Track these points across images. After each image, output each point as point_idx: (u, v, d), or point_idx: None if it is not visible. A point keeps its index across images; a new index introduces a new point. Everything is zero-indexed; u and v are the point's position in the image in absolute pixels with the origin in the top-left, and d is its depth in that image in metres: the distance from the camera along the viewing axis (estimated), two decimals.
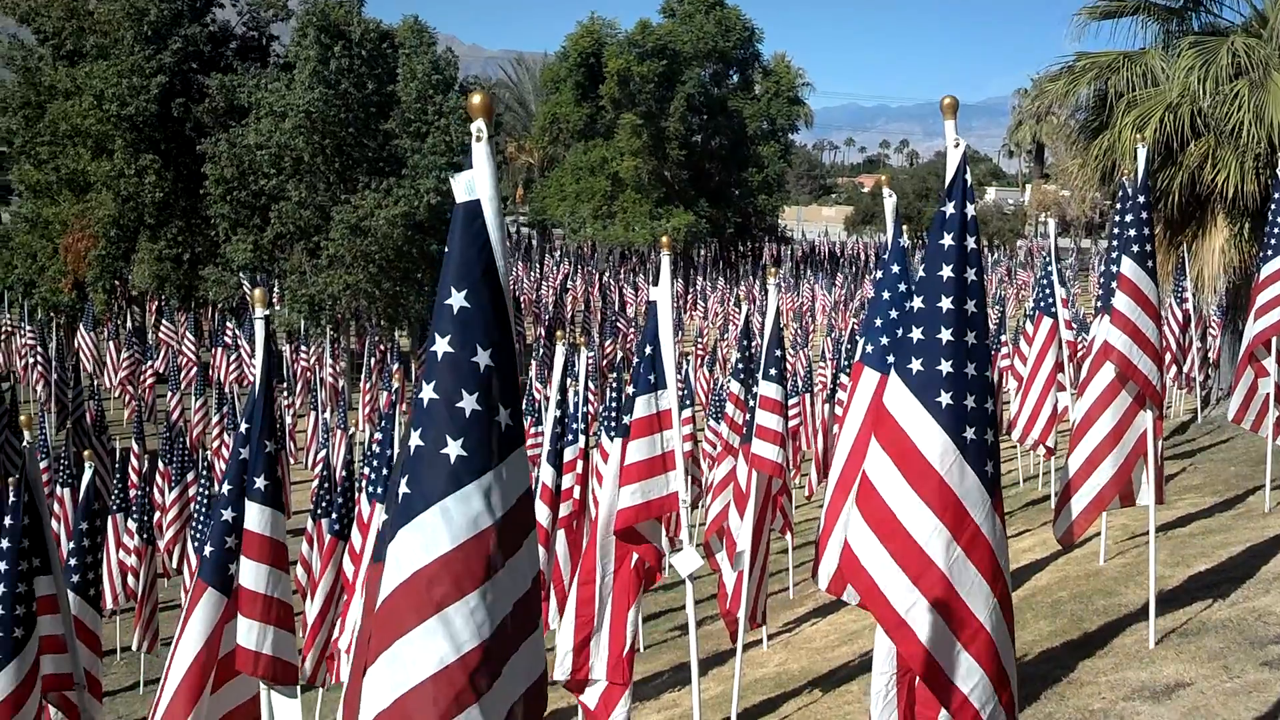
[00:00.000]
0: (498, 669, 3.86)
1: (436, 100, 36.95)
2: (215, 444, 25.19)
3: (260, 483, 6.33)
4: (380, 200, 35.06)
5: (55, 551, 6.97)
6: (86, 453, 8.62)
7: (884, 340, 7.43)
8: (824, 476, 21.59)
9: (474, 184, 4.03)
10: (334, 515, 13.56)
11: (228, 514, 6.34)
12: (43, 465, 18.52)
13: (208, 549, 6.39)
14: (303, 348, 32.96)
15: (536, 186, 70.41)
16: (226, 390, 27.26)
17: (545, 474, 12.20)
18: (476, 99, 3.94)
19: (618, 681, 8.98)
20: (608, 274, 58.97)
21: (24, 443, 7.01)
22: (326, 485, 16.65)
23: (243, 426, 6.52)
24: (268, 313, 6.65)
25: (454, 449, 3.84)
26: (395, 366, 30.71)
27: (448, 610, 3.77)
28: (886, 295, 7.67)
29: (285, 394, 28.81)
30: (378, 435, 23.41)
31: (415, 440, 3.90)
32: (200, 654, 6.28)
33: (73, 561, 8.25)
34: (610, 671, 9.00)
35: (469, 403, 3.87)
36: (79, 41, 39.21)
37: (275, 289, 39.79)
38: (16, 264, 40.33)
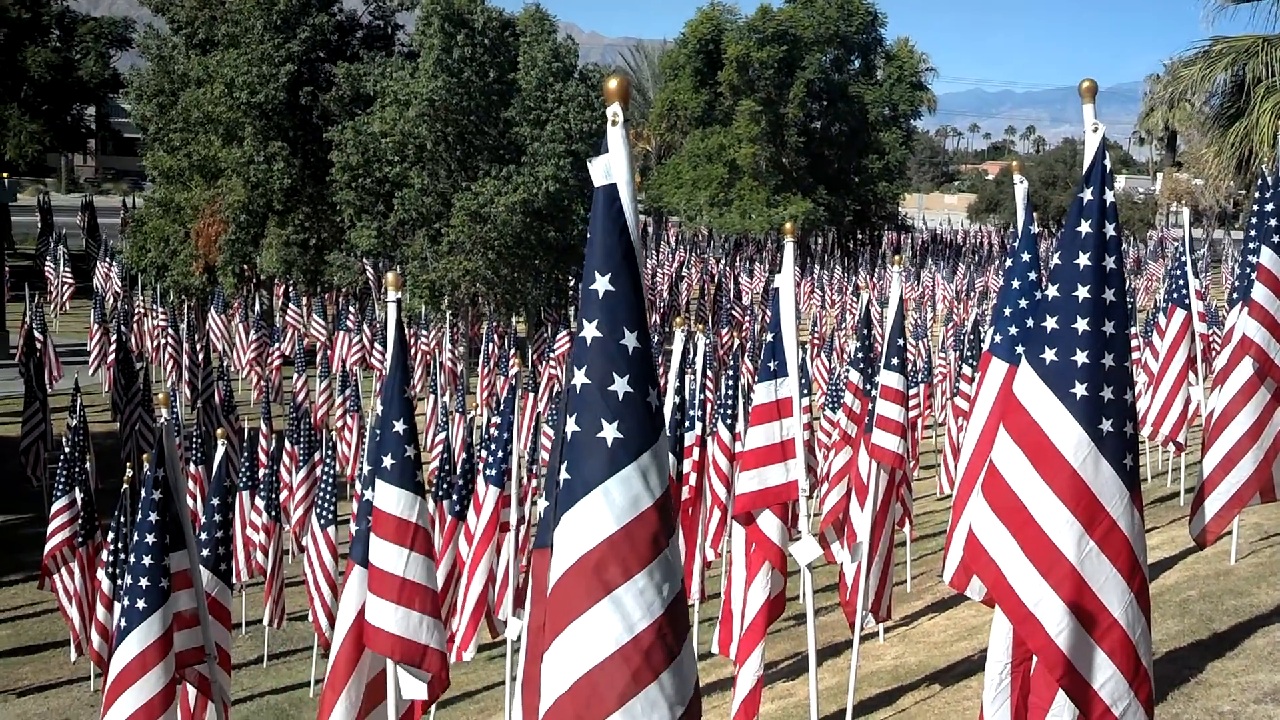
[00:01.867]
0: (674, 646, 3.90)
1: (556, 88, 37.17)
2: (339, 425, 25.71)
3: (387, 462, 6.43)
4: (500, 187, 35.42)
5: (189, 527, 7.16)
6: (219, 430, 8.85)
7: (1013, 330, 7.30)
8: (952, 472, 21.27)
9: (610, 168, 4.09)
10: (454, 497, 13.76)
11: (368, 494, 6.47)
12: (177, 443, 19.11)
13: (352, 527, 6.46)
14: (422, 332, 33.50)
15: (653, 174, 70.48)
16: (350, 373, 27.81)
17: None
18: (613, 83, 4.06)
19: (739, 662, 9.00)
20: (723, 262, 58.78)
21: (159, 420, 7.21)
22: (446, 467, 16.91)
23: (377, 408, 6.64)
24: (399, 296, 6.78)
25: (610, 432, 3.91)
26: (512, 351, 31.04)
27: (617, 591, 3.85)
28: (1016, 284, 7.52)
29: None
30: (495, 419, 23.77)
31: (572, 426, 3.98)
32: (353, 628, 6.41)
33: (204, 536, 8.49)
34: (736, 652, 9.02)
35: (621, 385, 3.93)
36: (211, 30, 40.30)
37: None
38: (150, 248, 41.64)
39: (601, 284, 4.00)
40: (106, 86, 58.51)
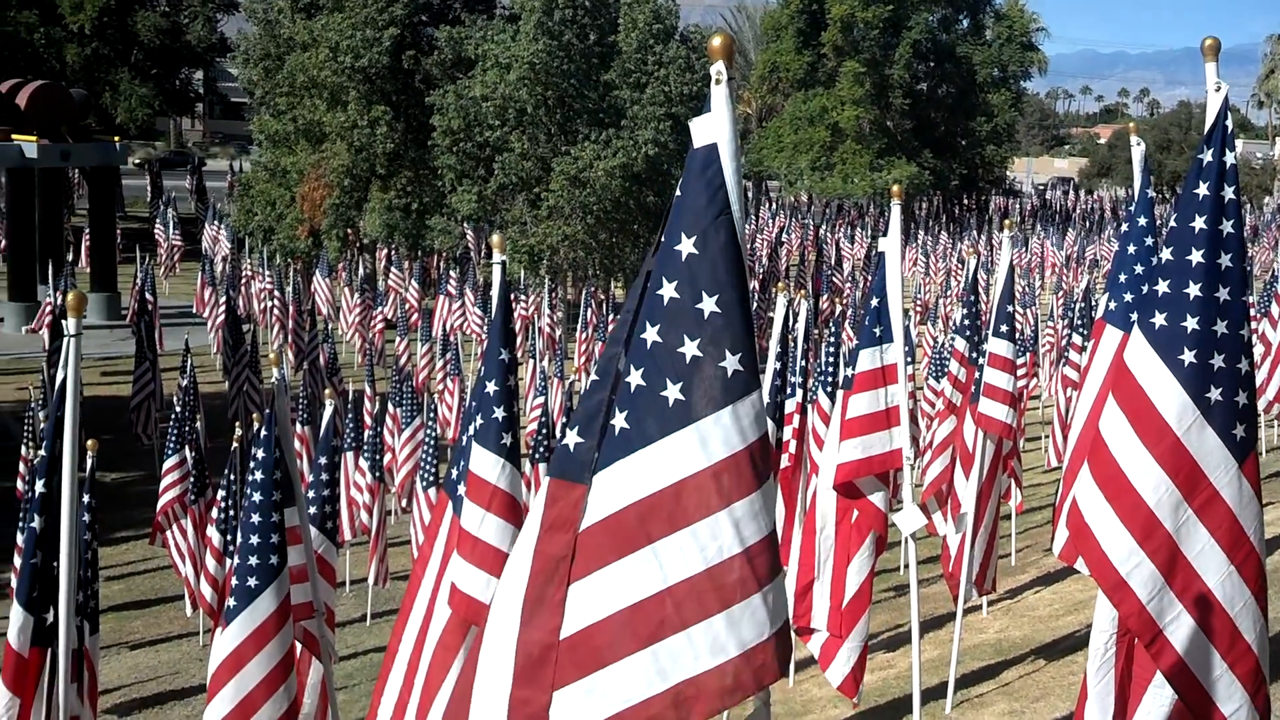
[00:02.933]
0: (711, 606, 3.95)
1: (656, 50, 36.95)
2: (440, 389, 25.98)
3: (478, 422, 6.41)
4: (599, 151, 35.37)
5: (299, 485, 7.26)
6: (327, 391, 8.96)
7: (1128, 296, 7.11)
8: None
9: (712, 128, 4.00)
10: (552, 459, 13.80)
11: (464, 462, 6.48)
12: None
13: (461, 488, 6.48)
14: (521, 297, 33.68)
15: (754, 137, 69.88)
16: (450, 337, 28.05)
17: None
18: (717, 41, 3.95)
19: (836, 634, 8.87)
20: (824, 227, 58.19)
21: (271, 380, 7.30)
22: (544, 431, 16.99)
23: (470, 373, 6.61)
24: (504, 258, 6.74)
25: (673, 392, 3.93)
26: (610, 317, 31.07)
27: (658, 543, 3.92)
28: (1132, 249, 7.31)
29: None
30: None
31: (636, 379, 3.98)
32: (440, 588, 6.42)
33: (312, 495, 8.60)
34: (830, 623, 8.89)
35: (691, 349, 3.93)
36: None
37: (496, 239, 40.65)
38: (257, 211, 42.40)
39: (685, 245, 3.97)
40: (214, 51, 59.57)
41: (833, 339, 16.31)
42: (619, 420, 3.99)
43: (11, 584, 14.92)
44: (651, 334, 3.99)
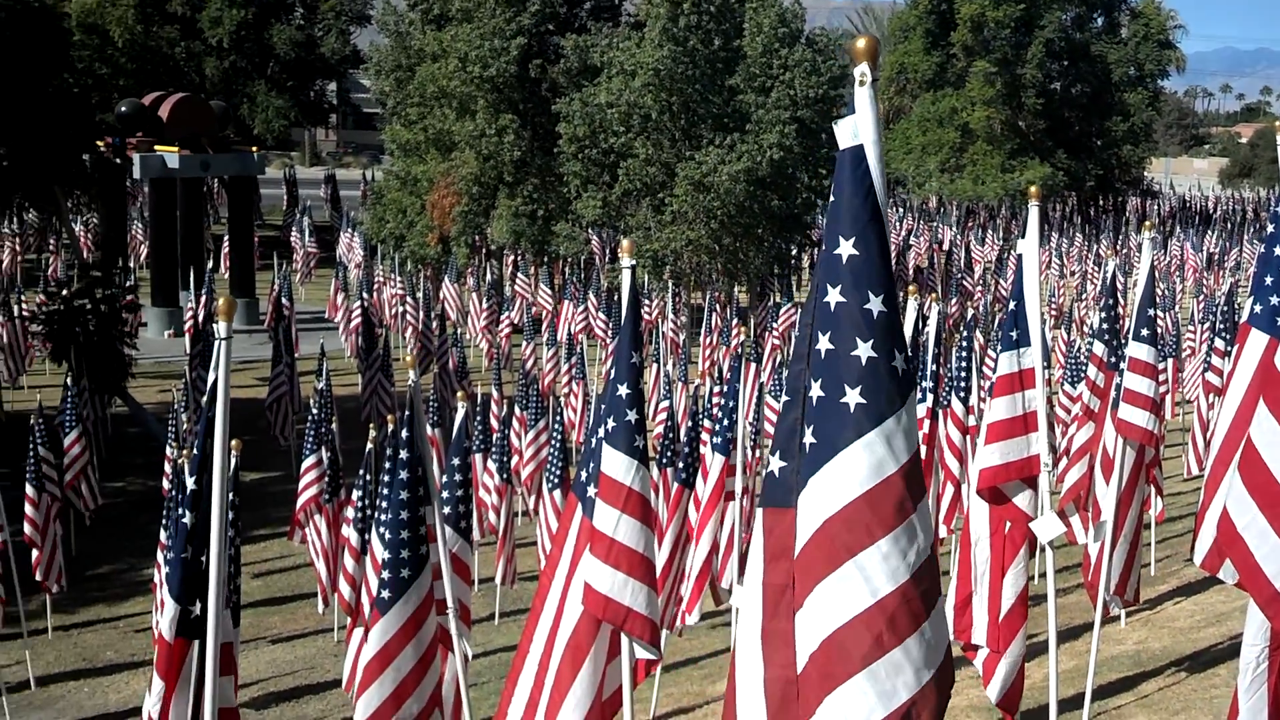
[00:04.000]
0: (921, 612, 3.90)
1: (782, 54, 36.76)
2: (565, 392, 26.21)
3: (610, 424, 6.46)
4: (723, 156, 35.32)
5: (434, 483, 7.39)
6: (459, 394, 9.09)
7: (1274, 300, 6.84)
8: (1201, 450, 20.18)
9: (858, 129, 4.04)
10: (680, 465, 13.82)
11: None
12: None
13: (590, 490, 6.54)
14: (645, 302, 33.81)
15: (881, 139, 68.89)
16: (575, 341, 28.29)
17: None
18: (861, 43, 3.98)
19: (995, 649, 8.69)
20: (953, 230, 57.24)
21: (407, 383, 7.45)
22: (670, 435, 16.99)
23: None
24: (633, 262, 6.79)
25: (853, 397, 3.92)
26: (735, 321, 31.02)
27: (860, 556, 3.87)
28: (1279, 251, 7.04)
29: None
30: (717, 389, 23.74)
31: (816, 391, 4.00)
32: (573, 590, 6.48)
33: (446, 494, 8.74)
34: (989, 638, 8.73)
35: (864, 350, 3.93)
36: (445, 6, 41.42)
37: (622, 244, 40.87)
38: (388, 219, 43.29)
39: (845, 248, 3.99)
40: (347, 63, 60.98)
41: (964, 344, 16.03)
42: (808, 436, 4.00)
43: (155, 578, 15.41)
44: (824, 342, 3.99)
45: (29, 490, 17.28)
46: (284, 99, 56.68)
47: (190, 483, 6.07)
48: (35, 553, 17.17)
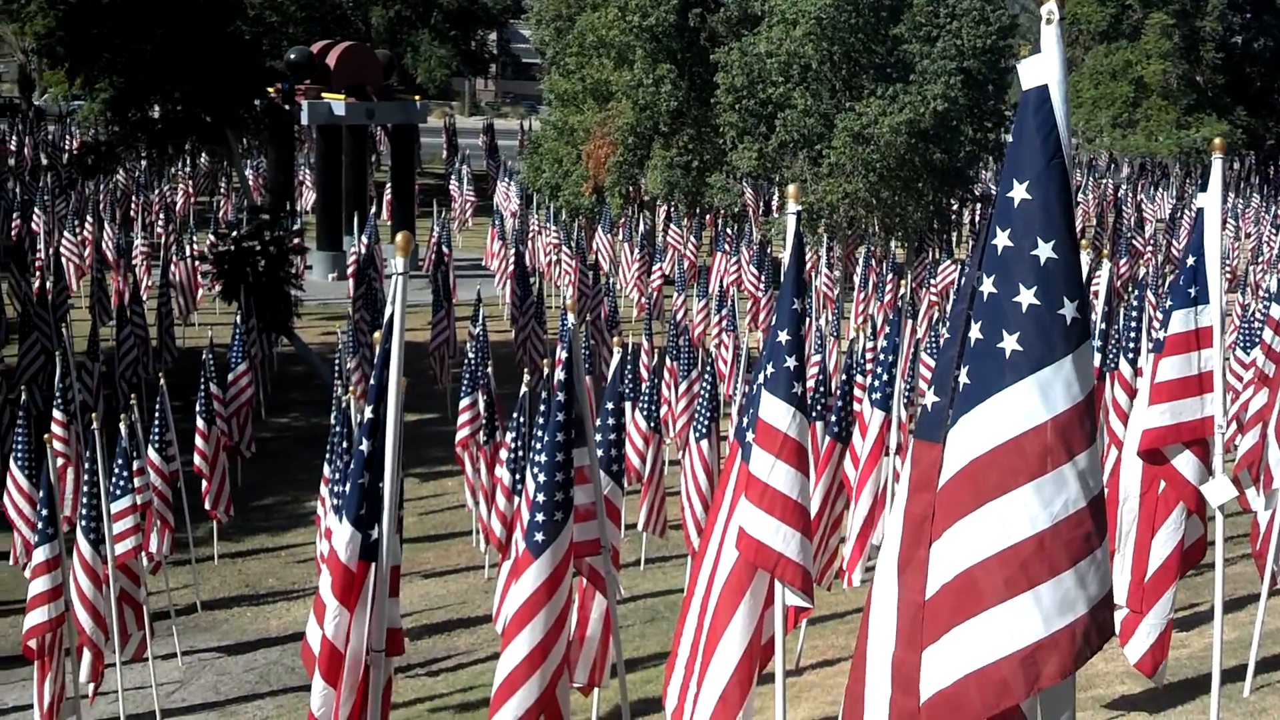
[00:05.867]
0: (1059, 563, 3.89)
1: (949, 2, 35.76)
2: (715, 344, 26.16)
3: (769, 370, 6.43)
4: (885, 107, 34.59)
5: (589, 426, 7.44)
6: (615, 340, 9.12)
7: None
8: None
9: (1043, 69, 3.94)
10: (832, 419, 13.67)
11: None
12: (563, 355, 19.97)
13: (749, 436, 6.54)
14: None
15: None
16: (727, 293, 28.17)
17: None
18: None
19: (1136, 609, 8.43)
20: (1124, 187, 55.18)
21: (561, 329, 7.51)
22: (821, 389, 16.83)
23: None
24: (799, 208, 6.71)
25: (1010, 343, 3.90)
26: (890, 276, 30.48)
27: (1000, 500, 3.89)
28: None
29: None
30: (869, 344, 23.42)
31: (975, 333, 4.00)
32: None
33: (600, 439, 8.81)
34: (1129, 598, 8.46)
35: (1026, 297, 3.89)
36: None
37: (777, 197, 40.53)
38: (545, 169, 43.66)
39: (1018, 191, 3.92)
40: (508, 12, 61.49)
41: (1136, 304, 15.47)
42: (962, 376, 4.03)
43: (318, 511, 15.89)
44: (987, 285, 3.98)
45: (199, 423, 18.03)
46: (446, 48, 57.41)
47: (369, 411, 6.29)
48: (204, 483, 17.92)
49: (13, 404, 18.97)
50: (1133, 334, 14.45)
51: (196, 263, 29.94)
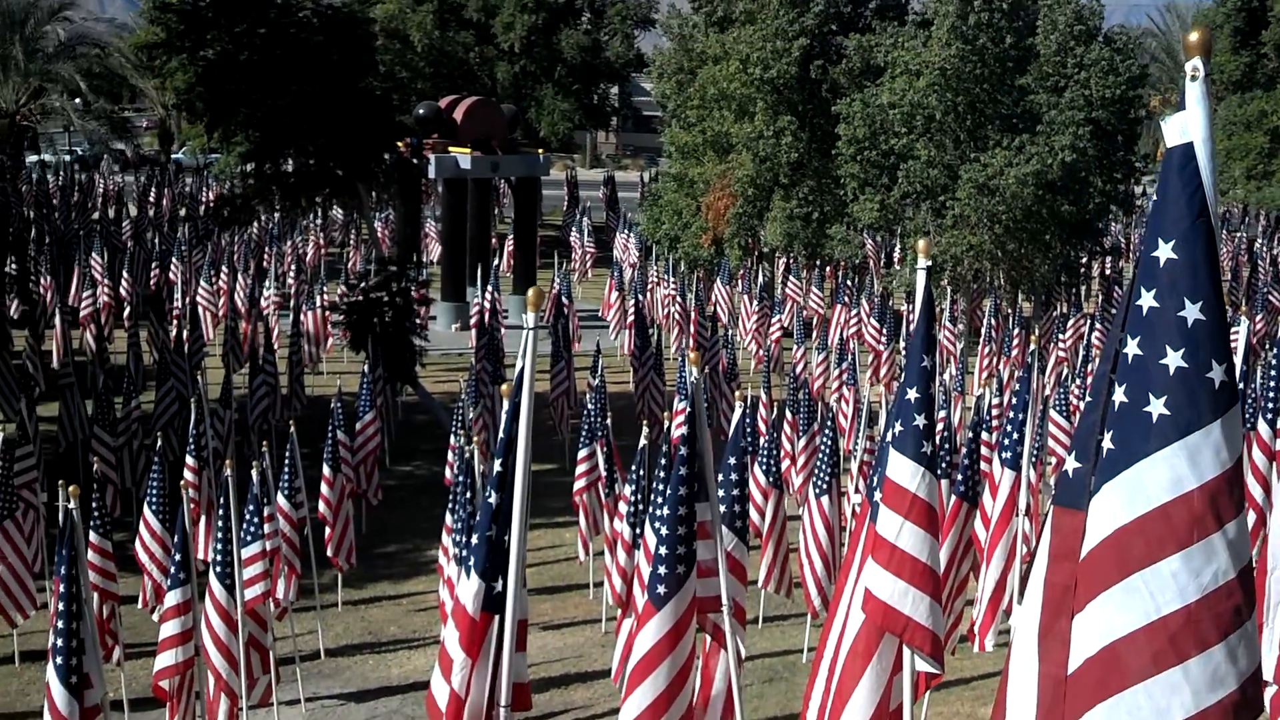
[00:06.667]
0: (1209, 635, 3.77)
1: (1077, 52, 35.18)
2: (835, 397, 25.88)
3: (897, 428, 6.36)
4: (1011, 158, 34.07)
5: (711, 481, 7.35)
6: (737, 393, 9.03)
7: None
8: None
9: (1187, 126, 3.87)
10: (959, 477, 13.36)
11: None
12: (681, 406, 19.91)
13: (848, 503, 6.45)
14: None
15: None
16: (847, 346, 27.89)
17: None
18: (1194, 36, 3.85)
19: None
20: (1259, 241, 53.48)
21: (689, 378, 7.46)
22: (947, 446, 16.46)
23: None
24: (929, 263, 6.62)
25: (1157, 406, 3.81)
26: (1016, 331, 29.88)
27: (1147, 570, 3.80)
28: None
29: (903, 354, 28.93)
30: (995, 400, 22.86)
31: (1119, 396, 3.90)
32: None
33: (722, 494, 8.70)
34: (1277, 674, 8.05)
35: (1174, 359, 3.81)
36: (729, 8, 41.69)
37: (899, 249, 40.14)
38: (664, 220, 43.91)
39: (1163, 251, 3.85)
40: (630, 66, 62.20)
41: (1274, 362, 14.89)
42: (1106, 441, 3.94)
43: (439, 559, 16.01)
44: (1132, 347, 3.90)
45: (325, 470, 18.34)
46: (569, 102, 58.32)
47: (497, 464, 6.33)
48: (328, 530, 18.21)
49: (148, 449, 19.57)
50: (1271, 394, 13.89)
51: (326, 312, 30.67)
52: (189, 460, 17.50)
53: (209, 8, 27.15)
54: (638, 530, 12.98)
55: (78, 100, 60.76)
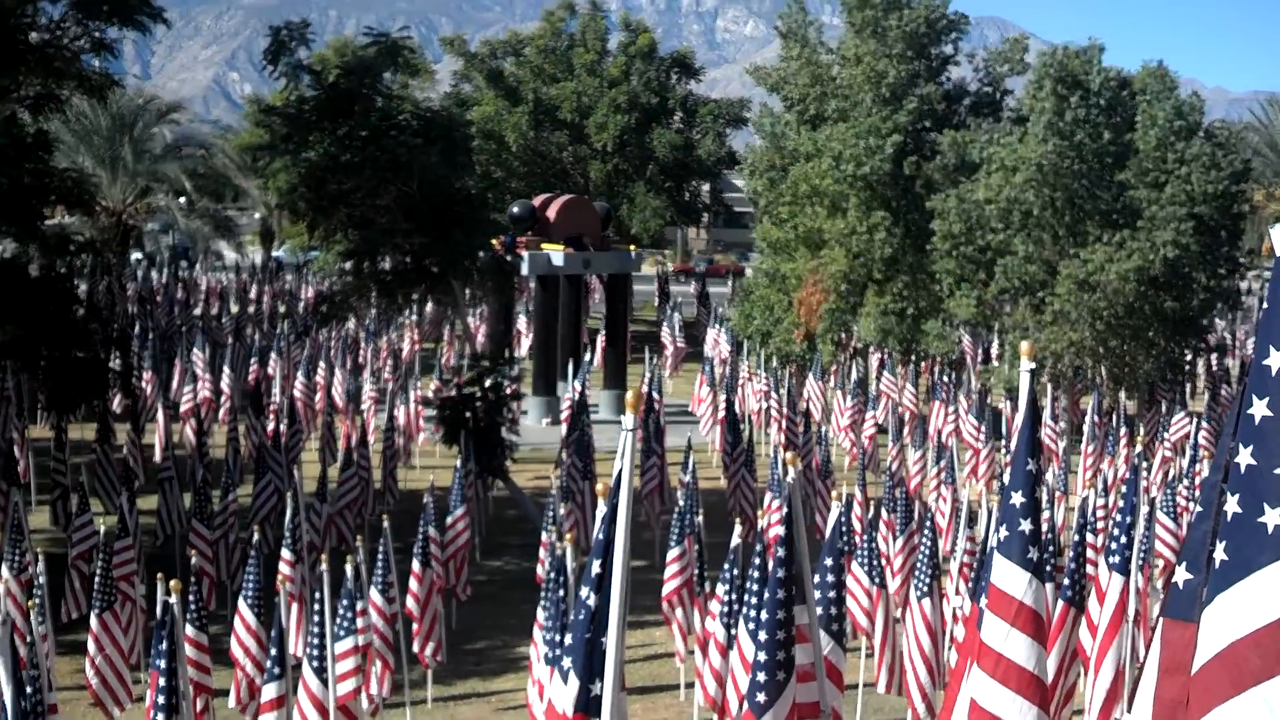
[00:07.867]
0: None
1: (1178, 148, 34.71)
2: (933, 496, 25.35)
3: (1003, 533, 6.19)
4: (1111, 254, 33.55)
5: (809, 583, 7.15)
6: (835, 493, 8.82)
7: None
8: None
9: None
10: (1065, 582, 12.93)
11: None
12: (776, 504, 19.62)
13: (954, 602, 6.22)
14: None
15: None
16: (945, 444, 27.38)
17: None
18: None
19: None
20: None
21: (787, 479, 7.29)
22: (1051, 548, 15.97)
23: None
24: (1033, 365, 6.50)
25: (1272, 517, 3.73)
26: (1121, 430, 29.11)
27: (1267, 685, 3.68)
28: None
29: (1002, 452, 28.33)
30: (1101, 500, 22.16)
31: (1232, 506, 3.82)
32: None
33: (818, 596, 8.46)
34: None
35: None
36: (821, 106, 41.97)
37: (996, 345, 39.57)
38: (756, 315, 43.89)
39: (1275, 359, 3.79)
40: (722, 164, 62.80)
41: None
42: (1219, 551, 3.84)
43: (530, 656, 15.80)
44: (1245, 456, 3.80)
45: (415, 565, 18.30)
46: (661, 200, 58.94)
47: (595, 565, 6.24)
48: (415, 625, 18.11)
49: (244, 543, 19.73)
50: None
51: (419, 407, 30.96)
52: (285, 554, 17.57)
53: (312, 111, 28.01)
54: (732, 631, 12.68)
55: (181, 199, 62.91)
